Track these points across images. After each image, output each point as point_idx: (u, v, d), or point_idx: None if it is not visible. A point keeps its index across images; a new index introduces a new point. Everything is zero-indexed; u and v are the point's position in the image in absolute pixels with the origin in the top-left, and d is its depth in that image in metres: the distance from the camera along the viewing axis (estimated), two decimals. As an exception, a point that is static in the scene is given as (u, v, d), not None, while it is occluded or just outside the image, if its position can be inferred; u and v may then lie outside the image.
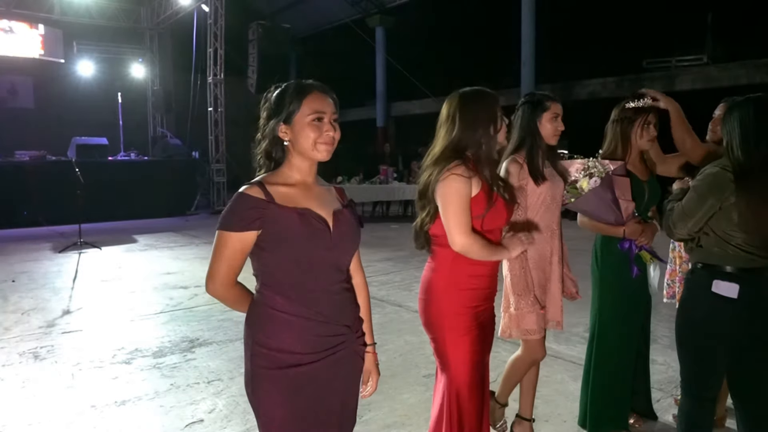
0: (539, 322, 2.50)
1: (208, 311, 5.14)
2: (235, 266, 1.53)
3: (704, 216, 2.06)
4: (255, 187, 1.53)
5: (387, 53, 17.69)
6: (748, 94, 2.14)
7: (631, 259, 2.70)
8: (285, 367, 1.52)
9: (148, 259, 7.80)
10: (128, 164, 12.19)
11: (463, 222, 1.93)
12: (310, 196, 1.59)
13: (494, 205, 1.99)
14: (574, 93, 14.66)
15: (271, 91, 1.62)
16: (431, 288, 2.09)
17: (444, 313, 2.05)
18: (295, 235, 1.50)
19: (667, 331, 3.88)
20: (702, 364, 2.19)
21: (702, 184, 2.07)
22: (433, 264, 2.11)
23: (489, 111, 2.03)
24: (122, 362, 3.94)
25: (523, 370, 2.66)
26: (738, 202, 1.98)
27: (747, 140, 2.00)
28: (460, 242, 1.93)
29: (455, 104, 2.05)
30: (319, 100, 1.57)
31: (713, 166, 2.07)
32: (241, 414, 3.10)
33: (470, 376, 2.04)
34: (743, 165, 1.98)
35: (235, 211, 1.50)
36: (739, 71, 12.15)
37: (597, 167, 2.51)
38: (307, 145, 1.55)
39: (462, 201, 1.93)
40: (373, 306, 5.74)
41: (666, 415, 3.00)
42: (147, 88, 15.35)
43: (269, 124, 1.58)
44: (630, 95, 2.76)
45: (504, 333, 2.54)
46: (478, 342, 2.06)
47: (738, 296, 2.03)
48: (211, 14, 13.01)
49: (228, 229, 1.49)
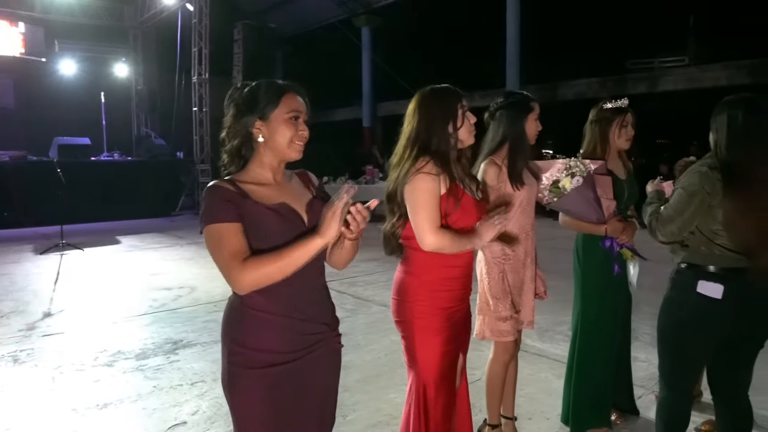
0: (514, 324, 2.53)
1: (192, 312, 5.10)
2: (241, 250, 1.44)
3: (693, 215, 2.06)
4: (225, 182, 1.52)
5: (373, 53, 17.68)
6: (728, 95, 2.13)
7: (612, 257, 2.72)
8: (263, 366, 1.52)
9: (132, 260, 7.72)
10: (112, 164, 12.07)
11: (433, 221, 1.92)
12: (283, 192, 1.58)
13: (461, 203, 1.98)
14: (560, 93, 14.77)
15: (239, 89, 1.60)
16: (404, 290, 2.08)
17: (417, 314, 2.04)
18: (272, 232, 1.49)
19: (648, 329, 3.91)
20: (685, 361, 2.22)
21: (689, 183, 2.07)
22: (405, 267, 2.09)
23: (446, 107, 2.01)
24: (104, 365, 3.89)
25: (502, 373, 2.66)
26: (724, 203, 1.99)
27: (735, 141, 2.01)
28: (430, 241, 1.92)
29: (417, 101, 2.06)
30: (295, 100, 1.57)
31: (700, 165, 2.08)
32: (224, 416, 3.08)
33: (438, 375, 2.04)
34: (730, 165, 1.99)
35: (213, 203, 1.47)
36: (721, 72, 12.31)
37: (579, 166, 2.52)
38: (284, 143, 1.55)
39: (432, 200, 1.93)
40: (359, 306, 5.76)
41: (648, 411, 3.03)
42: (131, 87, 15.21)
43: (241, 120, 1.56)
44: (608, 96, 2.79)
45: (479, 335, 2.56)
46: (449, 342, 2.06)
47: (722, 296, 2.04)
48: (196, 13, 12.91)
49: (214, 222, 1.45)
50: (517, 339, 2.64)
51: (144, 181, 11.87)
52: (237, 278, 1.42)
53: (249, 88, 1.58)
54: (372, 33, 17.87)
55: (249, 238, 1.47)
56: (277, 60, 20.76)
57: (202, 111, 13.21)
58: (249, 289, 1.45)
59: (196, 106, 13.20)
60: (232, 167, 1.60)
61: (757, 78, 11.24)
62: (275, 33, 14.45)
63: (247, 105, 1.56)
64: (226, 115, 1.60)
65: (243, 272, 1.41)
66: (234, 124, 1.58)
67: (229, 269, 1.43)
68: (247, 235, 1.47)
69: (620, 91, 3.01)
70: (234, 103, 1.59)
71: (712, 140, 2.10)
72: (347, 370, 3.59)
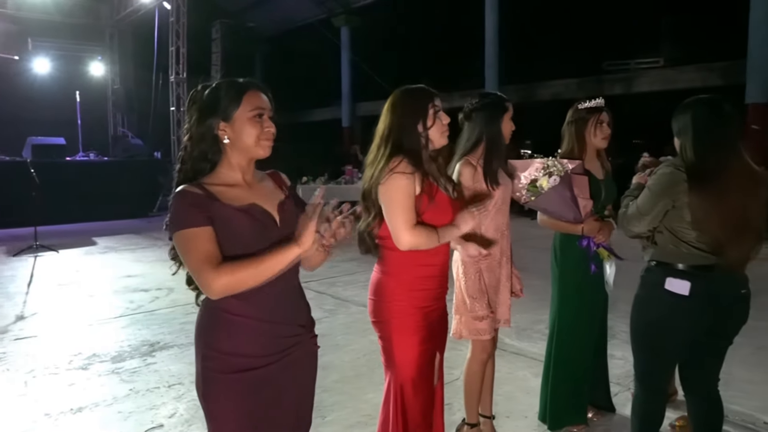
0: (491, 323, 2.55)
1: (169, 314, 5.04)
2: (212, 255, 1.40)
3: (658, 215, 2.12)
4: (193, 186, 1.48)
5: (352, 53, 17.66)
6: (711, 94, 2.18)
7: (589, 256, 2.76)
8: (239, 371, 1.49)
9: (108, 261, 7.60)
10: (87, 165, 11.86)
11: (409, 219, 1.93)
12: (253, 193, 1.56)
13: (435, 201, 1.98)
14: (538, 94, 14.91)
15: (198, 92, 1.56)
16: (381, 290, 2.08)
17: (393, 314, 2.05)
18: (244, 233, 1.47)
19: (624, 327, 3.95)
20: (657, 358, 2.26)
21: (656, 184, 2.12)
22: (381, 267, 2.10)
23: (416, 106, 2.02)
24: (79, 368, 3.83)
25: (480, 372, 2.67)
26: (691, 202, 2.03)
27: (699, 141, 2.05)
28: (406, 240, 1.93)
29: (390, 100, 2.07)
30: (257, 97, 1.54)
31: (667, 165, 2.12)
32: (202, 418, 3.01)
33: (416, 375, 2.05)
34: (696, 165, 2.03)
35: (181, 208, 1.44)
36: (694, 74, 12.53)
37: (556, 166, 2.55)
38: (250, 142, 1.52)
39: (406, 199, 1.93)
40: (338, 306, 5.74)
41: (624, 408, 3.07)
42: (107, 86, 14.97)
43: (205, 123, 1.52)
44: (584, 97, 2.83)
45: (456, 334, 2.57)
46: (426, 341, 2.06)
47: (690, 293, 2.08)
48: (173, 12, 12.77)
49: (183, 227, 1.42)
50: (494, 337, 2.66)
51: (121, 181, 11.67)
52: (209, 283, 1.39)
53: (210, 90, 1.54)
54: (351, 33, 17.84)
55: (221, 240, 1.45)
56: (256, 59, 20.62)
57: (180, 110, 13.05)
58: (221, 295, 1.42)
59: (174, 106, 13.06)
60: (191, 173, 1.54)
61: (729, 80, 11.48)
62: (254, 32, 14.33)
63: (209, 107, 1.52)
64: (188, 118, 1.56)
65: (216, 277, 1.38)
66: (198, 128, 1.53)
67: (201, 273, 1.39)
68: (218, 237, 1.44)
69: (597, 92, 3.07)
70: (196, 105, 1.55)
71: (678, 142, 2.14)
72: (326, 370, 3.59)
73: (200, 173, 1.55)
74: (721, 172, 2.00)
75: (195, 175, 1.54)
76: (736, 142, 2.07)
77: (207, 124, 1.52)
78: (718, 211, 2.00)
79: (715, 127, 2.06)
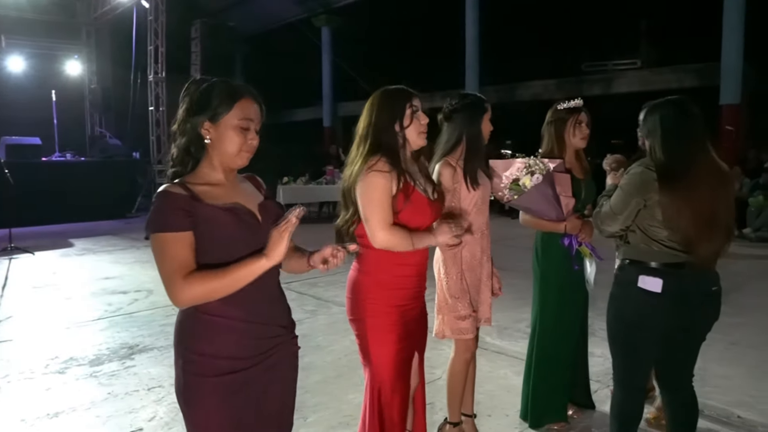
0: (472, 322, 2.56)
1: (149, 316, 4.98)
2: (185, 264, 1.40)
3: (630, 214, 2.15)
4: (177, 186, 1.47)
5: (333, 53, 17.62)
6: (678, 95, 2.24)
7: (571, 254, 2.78)
8: (221, 374, 1.48)
9: (86, 263, 7.48)
10: (64, 165, 11.64)
11: (385, 218, 1.94)
12: (235, 192, 1.55)
13: (411, 200, 1.99)
14: (517, 94, 15.05)
15: (194, 84, 1.54)
16: (358, 288, 2.09)
17: (369, 313, 2.05)
18: (228, 234, 1.46)
19: (604, 325, 4.00)
20: (632, 356, 2.29)
21: (627, 184, 2.16)
22: (359, 265, 2.11)
23: (394, 106, 2.03)
24: (56, 372, 3.76)
25: (463, 371, 2.68)
26: (661, 200, 2.07)
27: (668, 141, 2.10)
28: (381, 238, 1.94)
29: (369, 101, 2.08)
30: (249, 107, 1.52)
31: (638, 165, 2.17)
32: (182, 421, 3.00)
33: (393, 373, 2.05)
34: (665, 164, 2.08)
35: (162, 210, 1.42)
36: (671, 75, 12.78)
37: (538, 165, 2.57)
38: (232, 150, 1.50)
39: (383, 197, 1.94)
40: (319, 307, 5.71)
41: (603, 405, 3.11)
42: (84, 86, 14.71)
43: (191, 119, 1.51)
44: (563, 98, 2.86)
45: (438, 334, 2.58)
46: (402, 340, 2.07)
47: (662, 290, 2.12)
48: (152, 11, 12.61)
49: (162, 231, 1.41)
50: (476, 336, 2.67)
51: (98, 182, 11.47)
52: (176, 293, 1.39)
53: (205, 86, 1.52)
54: (332, 33, 17.82)
55: (205, 240, 1.44)
56: (236, 59, 20.45)
57: (159, 110, 12.91)
58: (187, 305, 1.43)
59: (153, 106, 12.89)
60: (179, 167, 1.55)
61: (704, 81, 11.71)
62: (234, 32, 14.21)
63: (199, 104, 1.50)
64: (180, 107, 1.55)
65: (183, 287, 1.38)
66: (184, 121, 1.52)
67: (170, 282, 1.39)
68: (203, 238, 1.43)
69: (576, 93, 3.11)
70: (189, 98, 1.53)
71: (647, 143, 2.18)
72: (307, 371, 3.58)
73: (183, 167, 1.54)
74: (690, 170, 2.05)
75: (182, 169, 1.54)
76: (703, 140, 2.12)
77: (193, 120, 1.51)
78: (688, 209, 2.04)
79: (683, 126, 2.11)
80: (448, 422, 2.77)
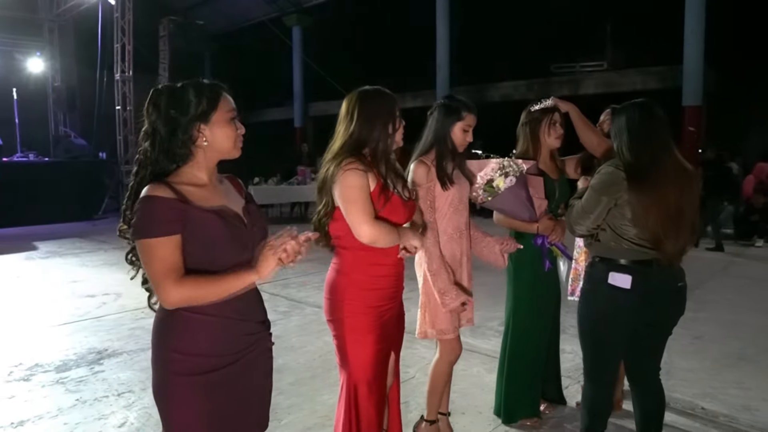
0: (453, 321, 2.55)
1: (118, 320, 4.88)
2: (175, 267, 1.41)
3: (601, 213, 2.21)
4: (162, 187, 1.44)
5: (304, 53, 17.52)
6: (642, 98, 2.31)
7: (544, 254, 2.83)
8: (203, 372, 1.48)
9: (51, 266, 7.29)
10: (26, 166, 11.32)
11: (367, 212, 1.94)
12: (220, 194, 1.56)
13: (390, 201, 2.01)
14: (488, 95, 15.20)
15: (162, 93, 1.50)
16: (335, 288, 2.10)
17: (347, 313, 2.06)
18: (217, 237, 1.46)
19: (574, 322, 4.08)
20: (602, 351, 2.35)
21: (598, 183, 2.22)
22: (336, 265, 2.12)
23: (387, 109, 2.05)
24: (20, 379, 3.66)
25: (447, 372, 2.69)
26: (630, 199, 2.14)
27: (634, 142, 2.18)
28: (367, 232, 1.93)
29: (354, 101, 2.07)
30: (228, 99, 1.57)
31: (608, 165, 2.23)
32: (154, 426, 2.97)
33: (370, 374, 2.06)
34: (633, 165, 2.15)
35: (151, 215, 1.40)
36: (636, 77, 13.11)
37: (512, 166, 2.60)
38: (229, 144, 1.55)
39: (362, 194, 1.95)
40: (292, 308, 5.67)
41: (574, 400, 3.17)
42: (47, 84, 14.31)
43: (179, 126, 1.48)
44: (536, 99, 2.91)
45: (420, 334, 2.59)
46: (380, 341, 2.08)
47: (631, 287, 2.18)
48: (118, 8, 12.32)
49: (149, 236, 1.39)
50: (458, 337, 2.67)
51: (63, 183, 11.19)
52: (167, 294, 1.40)
53: (180, 91, 1.50)
54: (303, 32, 17.71)
55: (193, 242, 1.43)
56: (205, 58, 20.20)
57: (126, 110, 12.64)
58: (176, 306, 1.43)
59: (120, 105, 12.62)
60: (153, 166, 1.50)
61: (667, 83, 12.04)
62: (203, 30, 14.05)
63: (184, 109, 1.48)
64: (148, 120, 1.50)
65: (175, 289, 1.40)
66: (168, 130, 1.48)
67: (161, 284, 1.40)
68: (190, 240, 1.43)
69: (545, 93, 3.17)
70: (165, 107, 1.49)
71: (615, 145, 2.26)
72: (281, 373, 3.56)
73: (163, 173, 1.50)
74: (656, 169, 2.13)
75: (156, 177, 1.49)
76: (667, 140, 2.20)
77: (184, 125, 1.48)
78: (655, 207, 2.11)
79: (648, 127, 2.19)
80: (424, 420, 2.79)
